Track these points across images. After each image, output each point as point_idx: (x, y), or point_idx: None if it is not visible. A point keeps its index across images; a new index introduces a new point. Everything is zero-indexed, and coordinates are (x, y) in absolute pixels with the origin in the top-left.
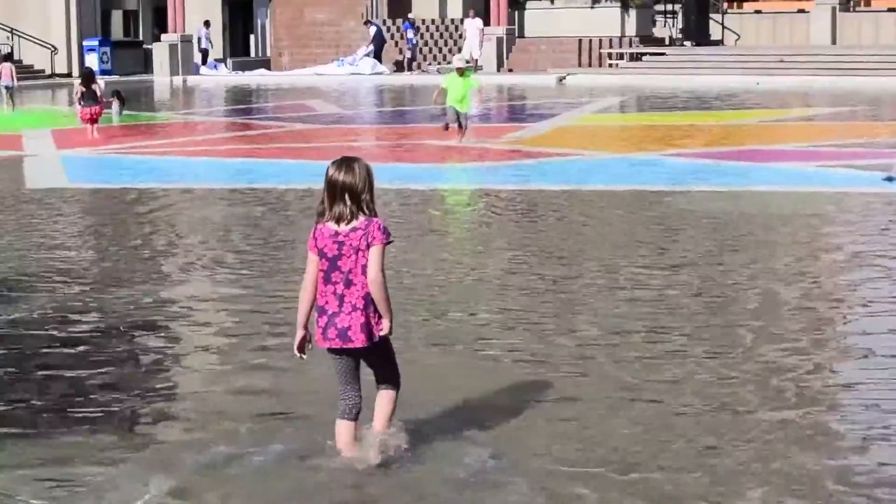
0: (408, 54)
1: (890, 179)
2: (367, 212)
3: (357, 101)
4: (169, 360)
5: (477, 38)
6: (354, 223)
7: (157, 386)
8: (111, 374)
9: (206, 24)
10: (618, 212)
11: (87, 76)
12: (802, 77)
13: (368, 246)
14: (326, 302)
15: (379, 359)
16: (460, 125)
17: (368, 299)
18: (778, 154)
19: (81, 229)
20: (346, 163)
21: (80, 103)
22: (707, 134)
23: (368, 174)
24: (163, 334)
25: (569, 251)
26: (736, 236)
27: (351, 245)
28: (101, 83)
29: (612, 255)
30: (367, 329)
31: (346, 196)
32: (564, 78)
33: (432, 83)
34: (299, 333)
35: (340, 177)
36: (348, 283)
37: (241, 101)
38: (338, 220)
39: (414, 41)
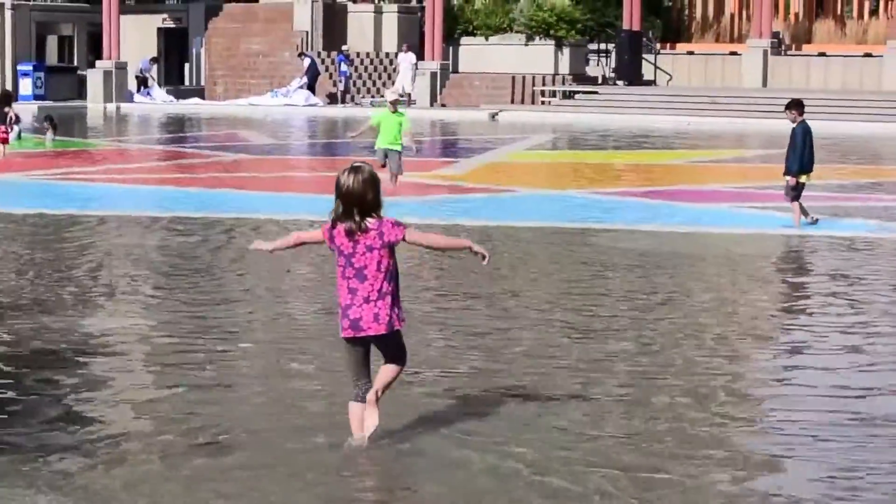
0: (341, 87)
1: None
2: (374, 215)
3: (290, 132)
4: (75, 390)
5: (409, 73)
6: (365, 225)
7: (59, 414)
8: (14, 402)
9: (154, 60)
10: (544, 249)
11: (3, 98)
12: (734, 118)
13: (384, 245)
14: (342, 295)
15: (390, 347)
16: (391, 168)
17: (381, 292)
18: (708, 194)
19: (13, 255)
20: (355, 171)
21: None
22: (637, 173)
23: (374, 180)
24: (73, 363)
25: (485, 286)
26: (658, 274)
27: (365, 244)
28: (13, 109)
29: (531, 291)
30: (376, 318)
31: (356, 209)
32: (497, 114)
33: (365, 116)
34: (269, 245)
35: (352, 185)
36: (362, 278)
37: (174, 129)
38: (348, 219)
39: (348, 73)
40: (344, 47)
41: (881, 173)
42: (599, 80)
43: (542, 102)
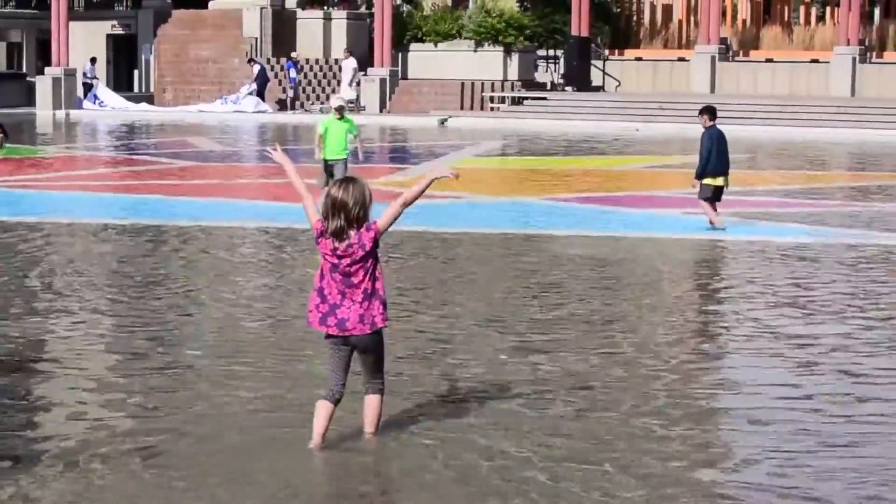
0: (290, 93)
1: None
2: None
3: (239, 138)
4: (26, 397)
5: (349, 78)
6: (348, 240)
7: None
8: None
9: (93, 60)
10: (490, 254)
11: None
12: (682, 124)
13: (369, 256)
14: (330, 291)
15: (372, 352)
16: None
17: (367, 294)
18: (656, 200)
19: None
20: (345, 182)
21: None
22: (585, 179)
23: (363, 194)
24: (22, 370)
25: (432, 292)
26: (605, 279)
27: (351, 258)
28: None
29: (473, 297)
30: (362, 319)
31: (342, 213)
32: (446, 120)
33: (314, 122)
34: (287, 164)
35: (339, 195)
36: (350, 285)
37: (123, 136)
38: (336, 235)
39: (297, 80)
40: (293, 54)
41: (823, 178)
42: (548, 86)
43: (492, 108)
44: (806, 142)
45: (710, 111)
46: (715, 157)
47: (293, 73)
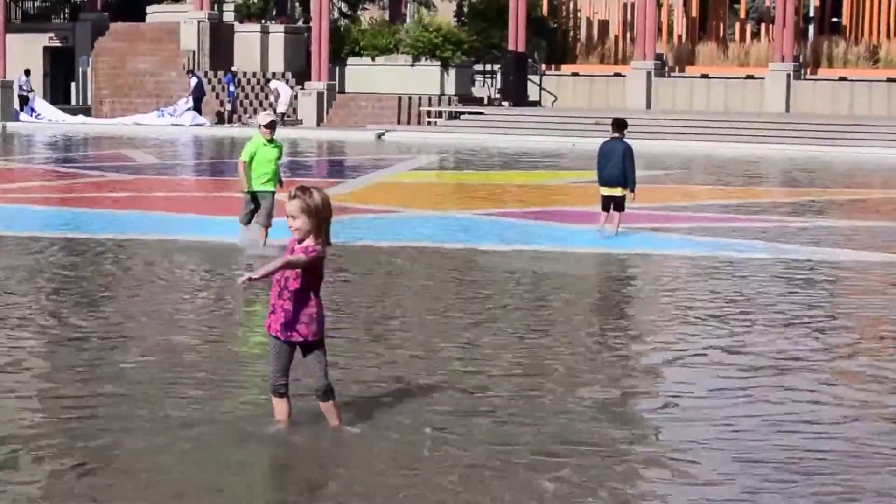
0: (228, 106)
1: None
2: (315, 237)
3: (176, 152)
4: None
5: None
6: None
7: None
8: None
9: (27, 72)
10: (426, 269)
11: None
12: None
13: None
14: (273, 300)
15: (312, 357)
16: (260, 218)
17: (295, 306)
18: (587, 215)
19: None
20: (306, 191)
21: None
22: (520, 193)
23: (319, 205)
24: None
25: (364, 306)
26: (538, 295)
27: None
28: None
29: (407, 311)
30: (293, 328)
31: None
32: (383, 134)
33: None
34: (257, 273)
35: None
36: (281, 293)
37: (60, 148)
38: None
39: (235, 93)
40: (233, 67)
41: (752, 194)
42: (485, 101)
43: (429, 123)
44: (740, 157)
45: (615, 124)
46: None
47: (232, 87)
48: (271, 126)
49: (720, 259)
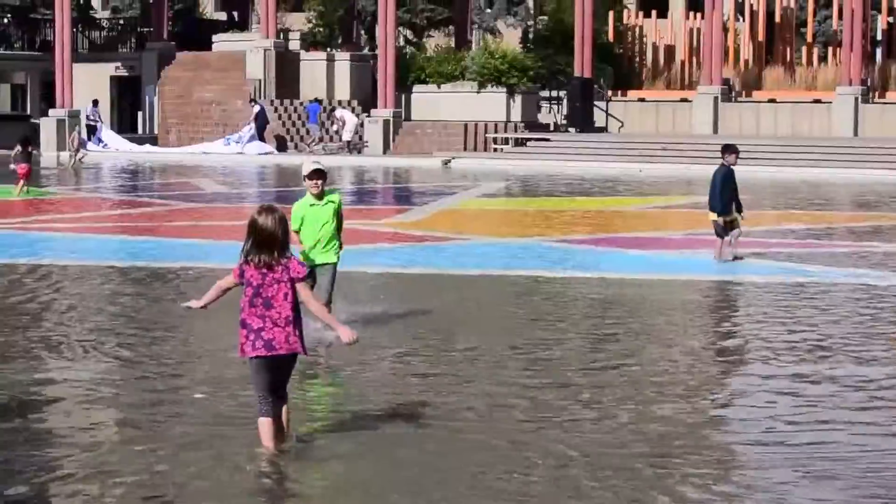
0: (315, 134)
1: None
2: (284, 253)
3: (243, 180)
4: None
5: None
6: (276, 262)
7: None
8: None
9: (95, 102)
10: (495, 296)
11: (24, 139)
12: (684, 165)
13: (290, 280)
14: (252, 320)
15: (287, 371)
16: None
17: (288, 319)
18: (657, 241)
19: None
20: (269, 211)
21: (14, 161)
22: (588, 220)
23: (283, 222)
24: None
25: (438, 333)
26: (609, 323)
27: (273, 277)
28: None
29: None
30: (287, 339)
31: (271, 246)
32: (449, 161)
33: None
34: (199, 302)
35: (269, 224)
36: (269, 306)
37: (128, 178)
38: (266, 266)
39: (317, 121)
40: (317, 97)
41: (827, 219)
42: (551, 128)
43: (495, 150)
44: (809, 182)
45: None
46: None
47: (313, 116)
48: (318, 176)
49: (808, 284)
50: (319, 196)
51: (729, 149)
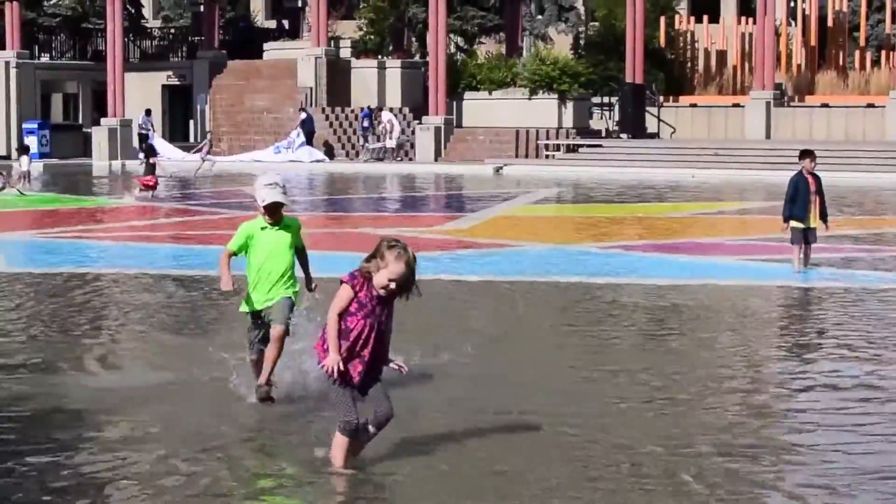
0: (373, 144)
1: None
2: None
3: (295, 188)
4: (101, 447)
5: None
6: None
7: (90, 471)
8: (46, 460)
9: (148, 112)
10: (550, 303)
11: (147, 149)
12: (737, 170)
13: None
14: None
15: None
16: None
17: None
18: (710, 247)
19: (16, 314)
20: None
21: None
22: (641, 226)
23: (376, 247)
24: (94, 420)
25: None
26: (666, 329)
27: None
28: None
29: (530, 347)
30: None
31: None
32: (501, 168)
33: (377, 171)
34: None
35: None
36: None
37: (180, 186)
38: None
39: (369, 128)
40: (370, 105)
41: (885, 223)
42: (603, 134)
43: (547, 156)
44: (864, 187)
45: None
46: (799, 201)
47: (366, 123)
48: (271, 211)
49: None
50: (275, 222)
51: (803, 154)
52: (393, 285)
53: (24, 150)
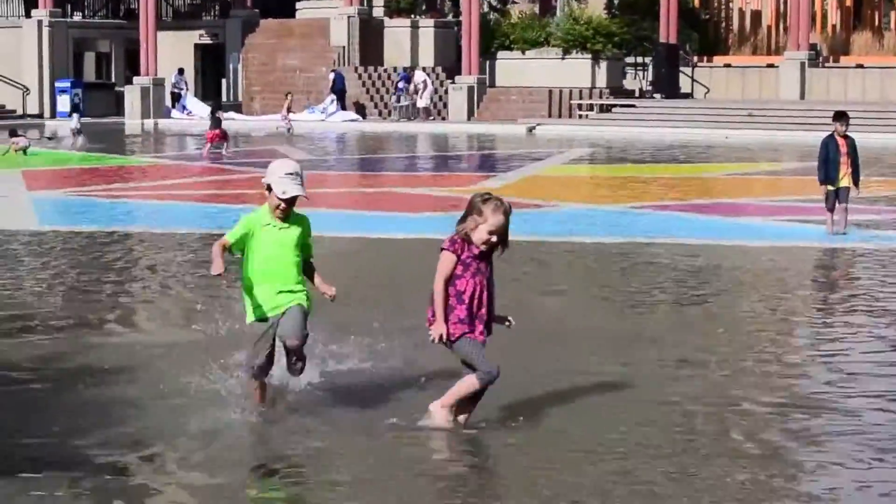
0: (406, 101)
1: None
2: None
3: (328, 147)
4: (137, 406)
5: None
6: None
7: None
8: (83, 419)
9: (181, 71)
10: (585, 262)
11: (214, 107)
12: (771, 131)
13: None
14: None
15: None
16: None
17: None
18: (744, 208)
19: (49, 272)
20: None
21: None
22: (675, 187)
23: (469, 205)
24: (130, 378)
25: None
26: (701, 289)
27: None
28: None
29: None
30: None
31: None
32: (534, 128)
33: (410, 130)
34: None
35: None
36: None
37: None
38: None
39: (405, 89)
40: (406, 66)
41: None
42: (637, 94)
43: (580, 116)
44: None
45: (836, 116)
46: (831, 164)
47: (402, 84)
48: (282, 208)
49: None
50: (284, 217)
51: (836, 116)
52: (494, 238)
53: (75, 108)
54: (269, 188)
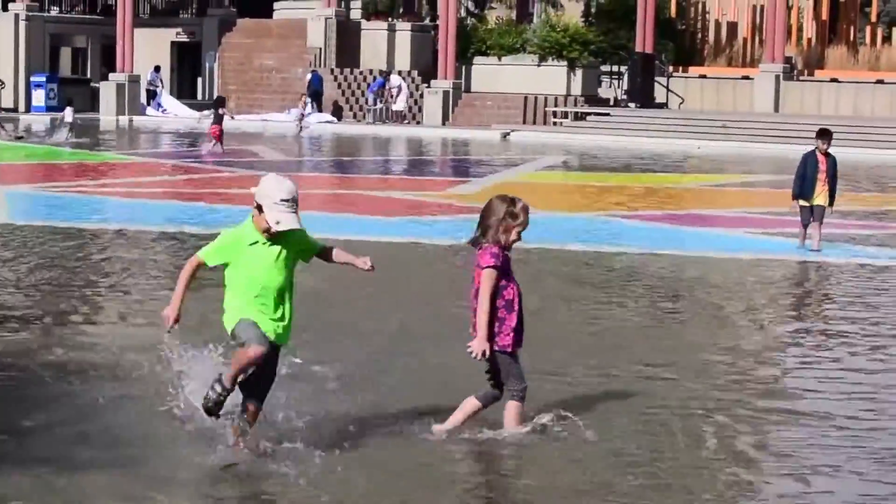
0: (380, 105)
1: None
2: (482, 239)
3: (302, 149)
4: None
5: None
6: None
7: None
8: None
9: (157, 68)
10: (554, 270)
11: (217, 101)
12: (744, 143)
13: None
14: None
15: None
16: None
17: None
18: (711, 219)
19: (19, 268)
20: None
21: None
22: (647, 197)
23: (487, 207)
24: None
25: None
26: (665, 298)
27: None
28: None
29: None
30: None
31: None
32: (509, 134)
33: (385, 133)
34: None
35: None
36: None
37: (185, 143)
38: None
39: (376, 89)
40: (384, 69)
41: (891, 201)
42: (611, 102)
43: (554, 123)
44: (872, 163)
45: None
46: (808, 180)
47: (374, 87)
48: (267, 230)
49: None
50: (272, 236)
51: (819, 134)
52: (520, 235)
53: (68, 102)
54: (260, 208)
